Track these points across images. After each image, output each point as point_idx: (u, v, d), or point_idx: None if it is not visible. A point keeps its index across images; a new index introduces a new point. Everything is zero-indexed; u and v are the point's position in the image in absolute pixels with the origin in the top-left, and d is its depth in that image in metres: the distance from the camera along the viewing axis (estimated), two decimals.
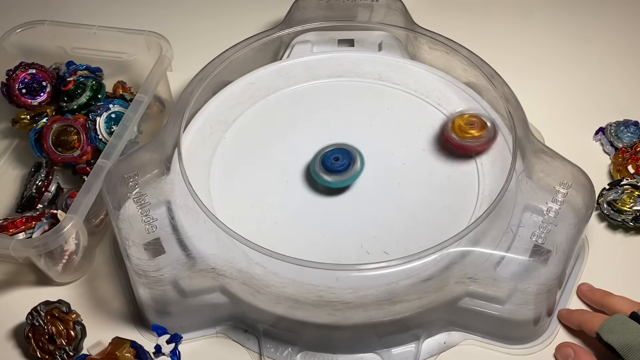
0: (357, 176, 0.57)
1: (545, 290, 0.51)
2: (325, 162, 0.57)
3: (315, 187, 0.58)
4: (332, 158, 0.57)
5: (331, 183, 0.56)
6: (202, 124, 0.63)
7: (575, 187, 0.54)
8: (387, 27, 0.70)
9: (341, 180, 0.56)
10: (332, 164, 0.56)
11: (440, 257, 0.51)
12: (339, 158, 0.57)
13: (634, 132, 0.69)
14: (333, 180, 0.56)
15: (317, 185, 0.58)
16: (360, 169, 0.57)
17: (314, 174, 0.57)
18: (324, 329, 0.53)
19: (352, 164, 0.57)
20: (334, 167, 0.56)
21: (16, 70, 0.69)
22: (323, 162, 0.57)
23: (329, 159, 0.57)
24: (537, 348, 0.56)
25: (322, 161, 0.57)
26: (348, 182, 0.57)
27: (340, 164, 0.56)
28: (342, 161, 0.57)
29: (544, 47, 0.82)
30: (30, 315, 0.56)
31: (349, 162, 0.57)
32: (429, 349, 0.56)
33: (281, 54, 0.71)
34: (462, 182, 0.58)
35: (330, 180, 0.56)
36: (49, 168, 0.65)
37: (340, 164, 0.56)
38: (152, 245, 0.53)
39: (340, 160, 0.57)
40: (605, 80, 0.77)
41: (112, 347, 0.52)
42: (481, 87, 0.65)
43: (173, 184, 0.56)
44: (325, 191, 0.58)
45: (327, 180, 0.56)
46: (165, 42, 0.68)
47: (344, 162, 0.57)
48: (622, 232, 0.63)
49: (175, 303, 0.55)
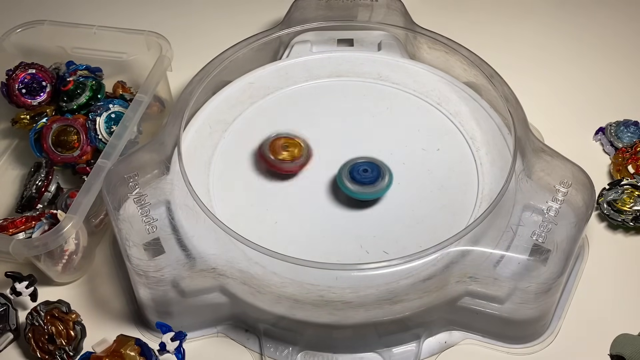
0: (384, 191, 0.56)
1: (545, 289, 0.51)
2: (354, 173, 0.56)
3: (315, 187, 0.58)
4: (361, 170, 0.56)
5: (356, 194, 0.56)
6: (201, 124, 0.63)
7: (576, 186, 0.54)
8: (387, 26, 0.71)
9: (367, 193, 0.56)
10: (361, 176, 0.56)
11: (440, 257, 0.51)
12: (368, 170, 0.56)
13: (634, 132, 0.69)
14: (358, 191, 0.56)
15: (317, 185, 0.58)
16: (389, 184, 0.56)
17: (339, 182, 0.56)
18: (325, 329, 0.53)
19: (380, 178, 0.56)
20: (361, 179, 0.56)
21: (16, 70, 0.69)
22: (351, 173, 0.56)
23: (357, 170, 0.56)
24: (538, 347, 0.56)
25: (351, 172, 0.56)
26: (374, 196, 0.56)
27: (369, 176, 0.56)
28: (371, 174, 0.56)
29: (544, 47, 0.82)
30: (30, 315, 0.56)
31: (377, 175, 0.56)
32: (430, 348, 0.56)
33: (280, 53, 0.71)
34: (461, 181, 0.58)
35: (355, 191, 0.56)
36: (48, 168, 0.65)
37: (369, 177, 0.56)
38: (152, 246, 0.53)
39: (369, 172, 0.56)
40: (605, 80, 0.77)
41: (117, 344, 0.52)
42: (481, 87, 0.65)
43: (173, 184, 0.56)
44: (325, 191, 0.58)
45: (352, 190, 0.56)
46: (165, 42, 0.68)
47: (372, 174, 0.56)
48: (622, 232, 0.63)
49: (175, 303, 0.55)
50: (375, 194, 0.56)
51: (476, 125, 0.62)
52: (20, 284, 0.57)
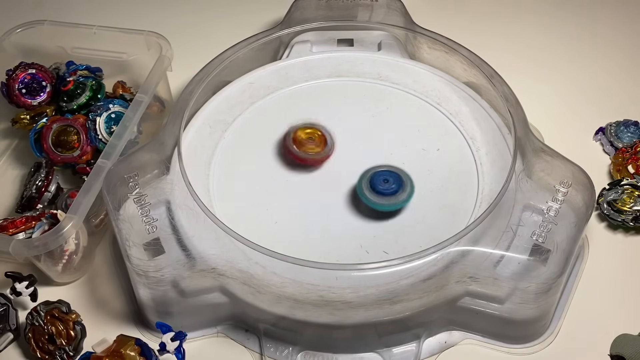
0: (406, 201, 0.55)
1: (545, 289, 0.51)
2: (375, 182, 0.55)
3: (314, 187, 0.58)
4: (382, 180, 0.55)
5: (377, 205, 0.55)
6: (201, 124, 0.63)
7: (576, 186, 0.54)
8: (387, 26, 0.70)
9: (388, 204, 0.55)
10: (382, 186, 0.55)
11: (440, 257, 0.51)
12: (389, 181, 0.55)
13: (634, 132, 0.69)
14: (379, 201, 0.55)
15: (317, 185, 0.58)
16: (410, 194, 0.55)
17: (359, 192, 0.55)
18: (325, 329, 0.53)
19: (402, 189, 0.55)
20: (383, 190, 0.55)
21: (16, 70, 0.69)
22: (372, 182, 0.55)
23: (379, 180, 0.55)
24: (538, 347, 0.56)
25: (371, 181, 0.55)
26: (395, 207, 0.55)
27: (389, 187, 0.55)
28: (391, 184, 0.55)
29: (544, 47, 0.82)
30: (30, 315, 0.56)
31: (398, 186, 0.55)
32: (430, 348, 0.56)
33: (280, 53, 0.71)
34: (461, 181, 0.58)
35: (377, 202, 0.55)
36: (48, 168, 0.65)
37: (389, 187, 0.55)
38: (152, 246, 0.53)
39: (389, 183, 0.55)
40: (605, 80, 0.77)
41: (117, 344, 0.52)
42: (481, 87, 0.65)
43: (173, 184, 0.56)
44: (324, 191, 0.58)
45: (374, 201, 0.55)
46: (165, 42, 0.68)
47: (393, 185, 0.55)
48: (622, 232, 0.63)
49: (175, 303, 0.55)
50: (396, 205, 0.55)
51: (476, 125, 0.62)
52: (20, 284, 0.57)
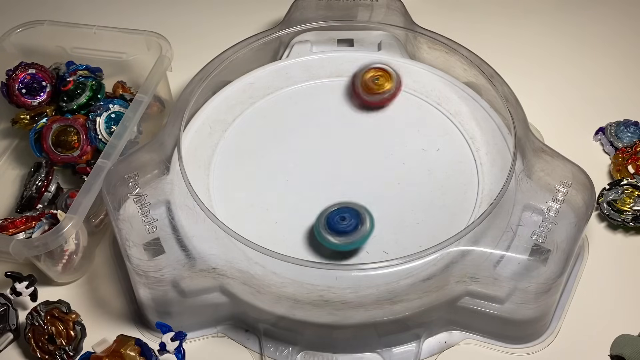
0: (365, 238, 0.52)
1: (545, 289, 0.51)
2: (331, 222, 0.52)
3: (315, 187, 0.58)
4: (339, 217, 0.52)
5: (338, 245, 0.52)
6: (201, 124, 0.63)
7: (576, 186, 0.54)
8: (387, 26, 0.70)
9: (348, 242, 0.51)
10: (339, 224, 0.51)
11: (440, 257, 0.51)
12: (346, 218, 0.52)
13: (634, 132, 0.69)
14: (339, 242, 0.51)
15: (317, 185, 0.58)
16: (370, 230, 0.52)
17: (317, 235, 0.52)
18: (325, 329, 0.53)
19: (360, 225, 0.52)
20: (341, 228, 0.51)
21: (16, 70, 0.69)
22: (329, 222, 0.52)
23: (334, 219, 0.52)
24: (538, 347, 0.56)
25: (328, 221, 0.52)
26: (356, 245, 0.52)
27: (348, 224, 0.51)
28: (349, 221, 0.51)
29: (544, 47, 0.82)
30: (30, 315, 0.56)
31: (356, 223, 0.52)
32: (430, 348, 0.56)
33: (280, 53, 0.71)
34: (461, 181, 0.58)
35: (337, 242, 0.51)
36: (48, 168, 0.65)
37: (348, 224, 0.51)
38: (152, 246, 0.53)
39: (347, 220, 0.51)
40: (605, 80, 0.77)
41: (117, 344, 0.52)
42: (481, 87, 0.65)
43: (173, 184, 0.56)
44: (325, 191, 0.58)
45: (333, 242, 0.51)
46: (165, 42, 0.68)
47: (351, 222, 0.51)
48: (622, 232, 0.63)
49: (175, 303, 0.55)
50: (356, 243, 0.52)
51: (476, 125, 0.62)
52: (20, 284, 0.57)
